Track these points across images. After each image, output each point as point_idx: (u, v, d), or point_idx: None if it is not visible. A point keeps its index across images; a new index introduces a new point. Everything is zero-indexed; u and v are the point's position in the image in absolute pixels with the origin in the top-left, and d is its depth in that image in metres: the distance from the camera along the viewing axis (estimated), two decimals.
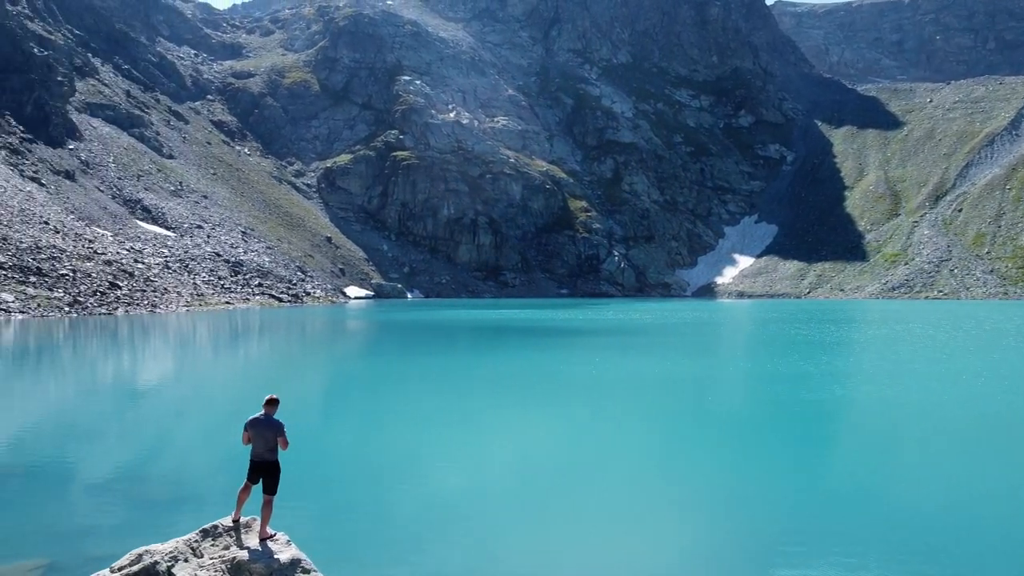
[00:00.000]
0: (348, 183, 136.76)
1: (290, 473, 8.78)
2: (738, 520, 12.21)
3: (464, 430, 19.96)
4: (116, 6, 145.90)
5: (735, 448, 17.69)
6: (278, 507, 8.23)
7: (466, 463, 16.20)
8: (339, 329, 60.69)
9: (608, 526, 11.96)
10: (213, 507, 10.40)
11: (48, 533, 10.97)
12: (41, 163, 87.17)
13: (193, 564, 7.34)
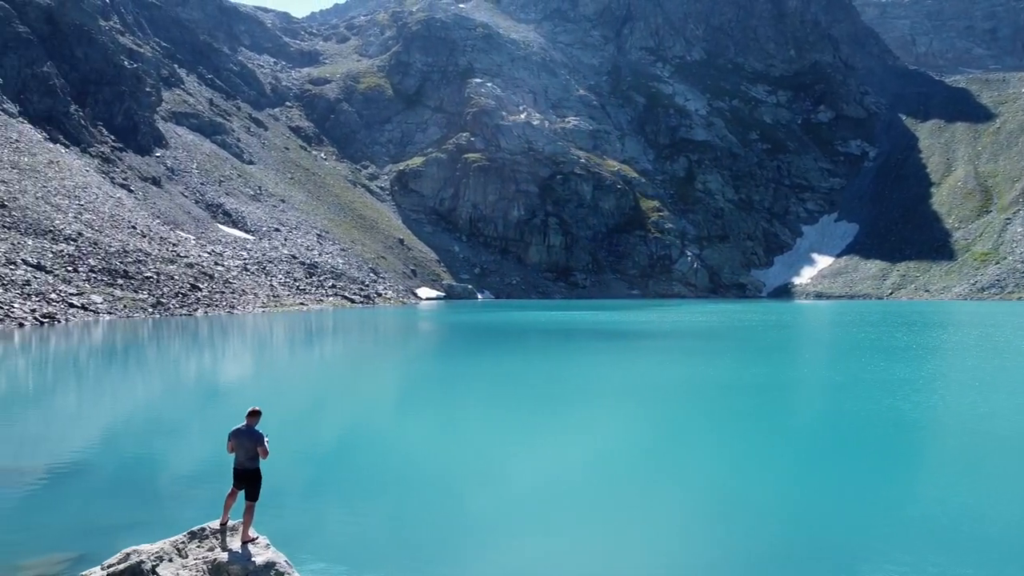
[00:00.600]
0: (420, 185, 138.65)
1: (312, 471, 8.98)
2: (804, 538, 11.81)
3: (515, 434, 19.95)
4: (200, 18, 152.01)
5: (810, 463, 17.08)
6: (325, 507, 8.41)
7: (507, 468, 16.19)
8: (410, 330, 61.62)
9: (646, 539, 11.75)
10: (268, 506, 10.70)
11: (103, 526, 11.47)
12: (130, 170, 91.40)
13: (177, 564, 7.66)
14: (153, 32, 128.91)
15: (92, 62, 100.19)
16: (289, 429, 20.47)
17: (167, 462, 16.50)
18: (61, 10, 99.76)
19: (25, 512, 12.35)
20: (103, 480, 14.62)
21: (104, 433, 19.83)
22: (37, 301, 48.96)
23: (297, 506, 13.13)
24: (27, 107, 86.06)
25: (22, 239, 58.92)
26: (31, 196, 68.78)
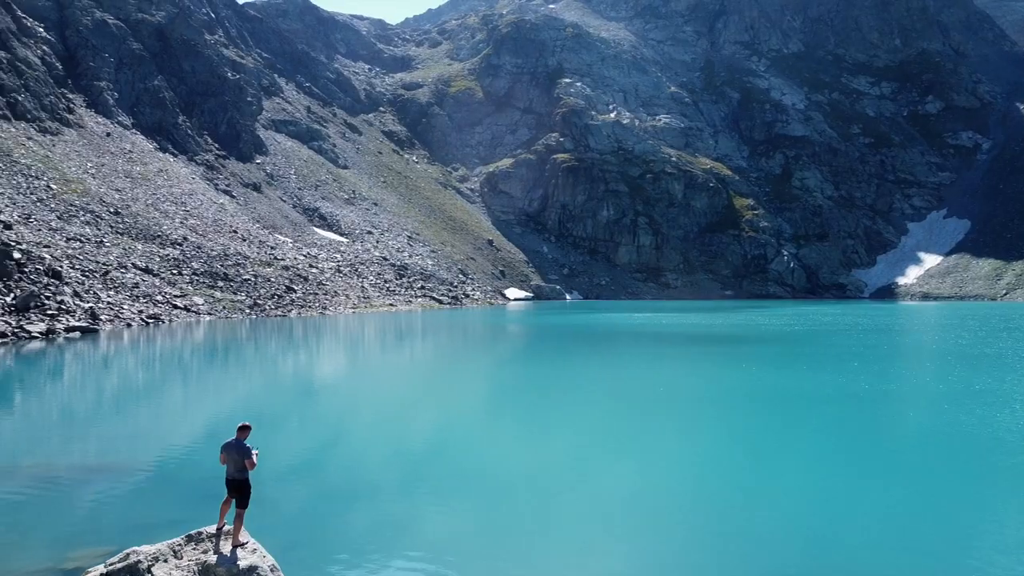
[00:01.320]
0: (509, 187, 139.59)
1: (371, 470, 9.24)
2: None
3: (599, 442, 19.90)
4: (299, 28, 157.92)
5: (915, 486, 16.36)
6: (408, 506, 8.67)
7: (589, 474, 16.16)
8: (498, 331, 62.06)
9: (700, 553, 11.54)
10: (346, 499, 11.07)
11: (157, 523, 12.14)
12: (232, 177, 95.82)
13: (171, 565, 8.17)
14: (255, 44, 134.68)
15: (198, 75, 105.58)
16: (379, 430, 21.08)
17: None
18: (171, 27, 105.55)
19: (92, 506, 13.18)
20: (176, 476, 15.42)
21: (194, 430, 20.92)
22: (144, 303, 51.99)
23: (388, 503, 13.63)
24: (140, 119, 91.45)
25: (133, 244, 62.68)
26: (142, 203, 73.10)
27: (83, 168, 73.52)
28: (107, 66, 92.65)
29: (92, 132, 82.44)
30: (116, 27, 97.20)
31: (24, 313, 39.80)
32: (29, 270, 44.98)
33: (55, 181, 66.42)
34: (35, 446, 18.15)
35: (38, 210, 59.79)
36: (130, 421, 22.06)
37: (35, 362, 32.17)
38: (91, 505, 13.13)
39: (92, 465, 15.99)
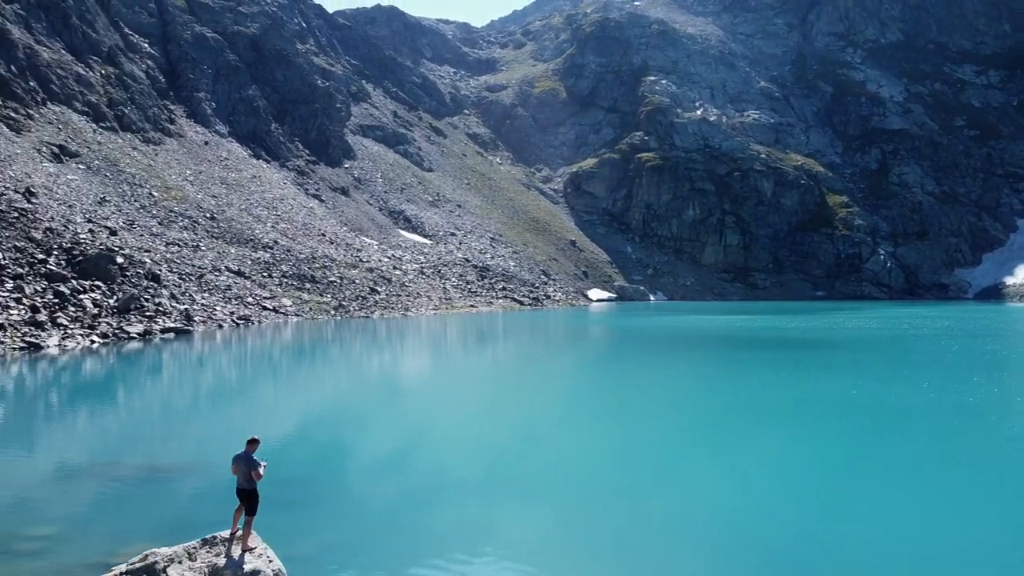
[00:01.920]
0: (593, 187, 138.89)
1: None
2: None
3: (676, 455, 19.76)
4: (387, 35, 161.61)
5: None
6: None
7: (665, 486, 16.10)
8: (580, 332, 62.00)
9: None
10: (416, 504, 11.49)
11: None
12: (321, 181, 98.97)
13: (184, 566, 8.72)
14: (344, 51, 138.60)
15: (290, 83, 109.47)
16: (460, 431, 21.54)
17: (338, 459, 17.94)
18: (264, 37, 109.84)
19: (151, 503, 13.96)
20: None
21: (275, 431, 21.83)
22: (236, 304, 54.40)
23: (470, 504, 14.17)
24: (235, 127, 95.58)
25: (227, 248, 65.63)
26: (236, 208, 76.42)
27: (182, 175, 77.40)
28: (205, 77, 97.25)
29: (191, 141, 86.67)
30: (214, 40, 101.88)
31: (125, 315, 42.29)
32: (131, 274, 47.73)
33: (157, 188, 70.21)
34: (118, 443, 19.34)
35: (141, 216, 63.34)
36: (212, 420, 23.19)
37: (134, 360, 34.16)
38: (151, 502, 13.91)
39: (164, 464, 16.92)
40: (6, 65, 68.91)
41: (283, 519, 12.81)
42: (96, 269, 45.29)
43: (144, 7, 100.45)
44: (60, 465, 16.16)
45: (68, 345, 34.55)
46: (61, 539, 10.90)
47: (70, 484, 14.61)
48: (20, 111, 67.02)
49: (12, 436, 19.48)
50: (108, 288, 44.52)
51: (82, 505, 13.25)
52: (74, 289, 41.77)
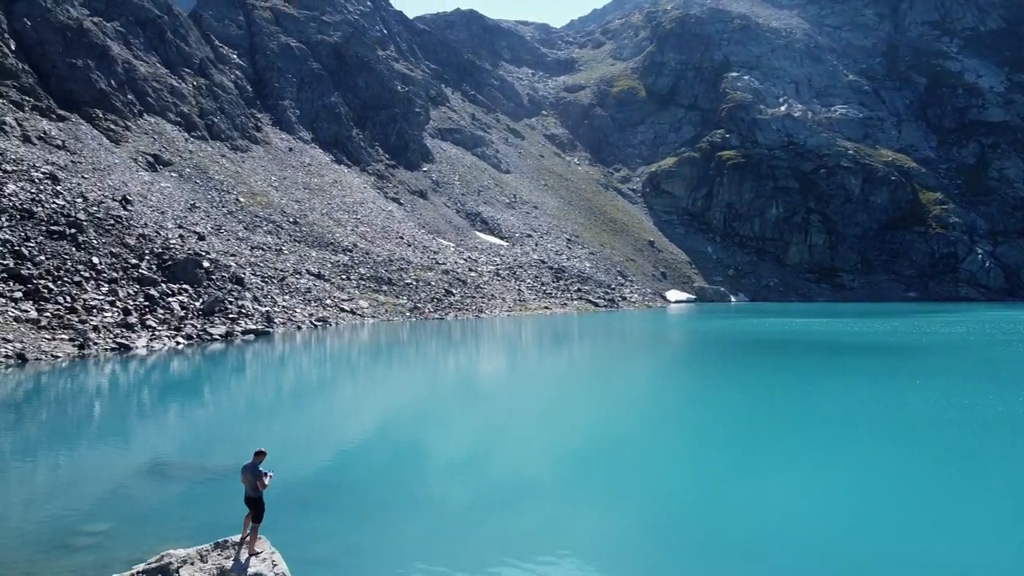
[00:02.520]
0: (672, 186, 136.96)
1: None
2: None
3: (732, 454, 19.53)
4: (466, 38, 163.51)
5: None
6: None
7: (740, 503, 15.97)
8: (659, 334, 61.21)
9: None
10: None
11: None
12: (400, 185, 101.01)
13: (195, 568, 9.28)
14: (423, 56, 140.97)
15: (371, 89, 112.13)
16: (536, 433, 21.85)
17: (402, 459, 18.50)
18: (346, 45, 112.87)
19: (201, 502, 14.64)
20: (303, 479, 16.78)
21: (344, 434, 22.59)
22: (315, 306, 56.20)
23: (547, 505, 14.56)
24: (318, 134, 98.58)
25: (308, 251, 67.82)
26: (318, 212, 78.82)
27: (268, 181, 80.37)
28: (290, 86, 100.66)
29: (276, 148, 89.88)
30: (298, 49, 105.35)
31: (209, 317, 44.32)
32: (216, 277, 49.94)
33: (243, 194, 73.13)
34: (189, 443, 20.37)
35: (227, 222, 66.12)
36: (284, 422, 24.11)
37: (217, 361, 35.76)
38: (204, 501, 14.60)
39: (228, 465, 17.73)
40: (107, 80, 73.06)
41: (364, 518, 13.43)
42: (184, 273, 47.60)
43: (233, 20, 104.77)
44: (129, 463, 17.16)
45: (155, 346, 36.47)
46: (112, 535, 11.67)
47: (133, 482, 15.50)
48: (119, 123, 70.94)
49: (92, 433, 20.79)
50: (195, 291, 46.72)
51: (138, 503, 14.05)
52: (163, 292, 44.02)
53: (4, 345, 29.07)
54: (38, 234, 41.95)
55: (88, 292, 39.71)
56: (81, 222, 45.45)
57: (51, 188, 49.28)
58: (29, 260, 39.20)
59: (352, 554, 11.64)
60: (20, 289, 36.27)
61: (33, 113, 61.72)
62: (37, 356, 29.68)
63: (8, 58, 64.03)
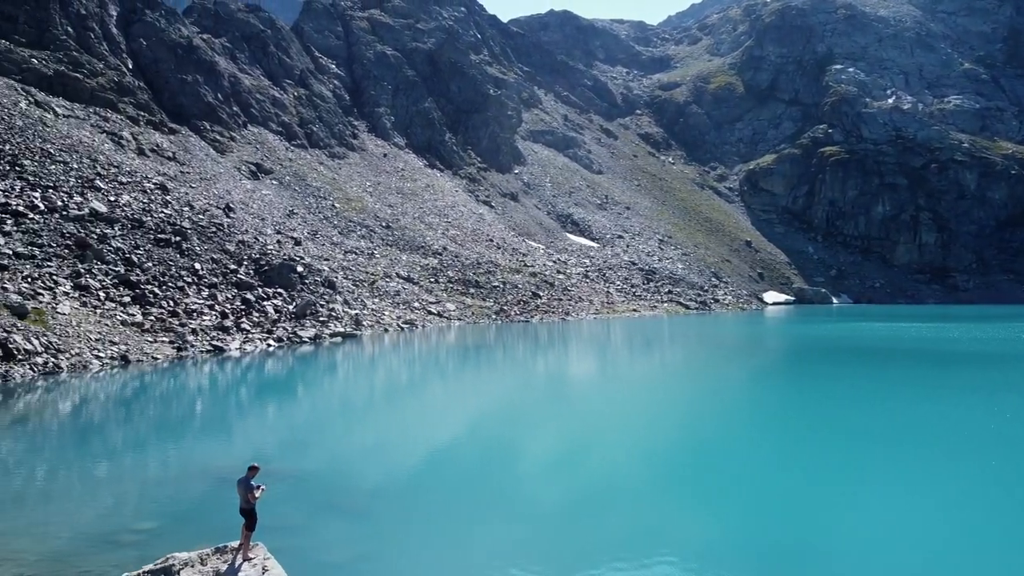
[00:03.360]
0: (771, 184, 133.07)
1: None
2: None
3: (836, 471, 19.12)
4: (559, 39, 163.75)
5: None
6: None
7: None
8: (754, 338, 59.50)
9: None
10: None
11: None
12: (492, 188, 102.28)
13: (195, 570, 9.97)
14: (516, 59, 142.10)
15: (464, 93, 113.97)
16: (626, 439, 22.09)
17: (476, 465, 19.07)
18: (440, 52, 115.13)
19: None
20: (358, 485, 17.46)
21: (444, 430, 23.32)
22: (403, 309, 57.76)
23: (641, 509, 14.94)
24: (411, 139, 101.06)
25: (399, 255, 69.72)
26: (410, 217, 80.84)
27: (363, 187, 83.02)
28: (385, 93, 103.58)
29: (372, 154, 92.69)
30: (394, 57, 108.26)
31: (301, 320, 46.31)
32: (309, 281, 52.10)
33: (339, 200, 75.85)
34: (257, 444, 21.46)
35: (323, 227, 68.77)
36: (360, 426, 25.05)
37: (307, 362, 37.39)
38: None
39: (298, 469, 18.65)
40: (214, 93, 77.27)
41: (449, 517, 14.10)
42: (279, 277, 49.90)
43: (332, 31, 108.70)
44: (192, 463, 18.29)
45: (247, 348, 38.45)
46: (159, 533, 12.60)
47: (191, 481, 16.56)
48: (224, 134, 74.93)
49: (175, 431, 22.22)
50: (288, 295, 48.91)
51: (191, 502, 15.03)
52: (259, 296, 46.30)
53: (110, 347, 31.40)
54: (147, 242, 44.92)
55: (190, 296, 42.25)
56: (185, 230, 48.35)
57: (161, 198, 52.58)
58: (138, 267, 42.03)
59: (430, 560, 12.27)
60: (128, 294, 38.98)
61: (147, 127, 65.98)
62: (139, 358, 31.88)
63: (126, 76, 68.69)
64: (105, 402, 25.03)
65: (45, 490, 15.69)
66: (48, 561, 11.38)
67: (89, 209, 44.35)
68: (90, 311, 34.80)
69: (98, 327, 32.98)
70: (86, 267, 39.03)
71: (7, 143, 48.93)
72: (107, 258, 41.00)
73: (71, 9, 68.08)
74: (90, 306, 35.60)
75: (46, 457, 18.75)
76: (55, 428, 21.47)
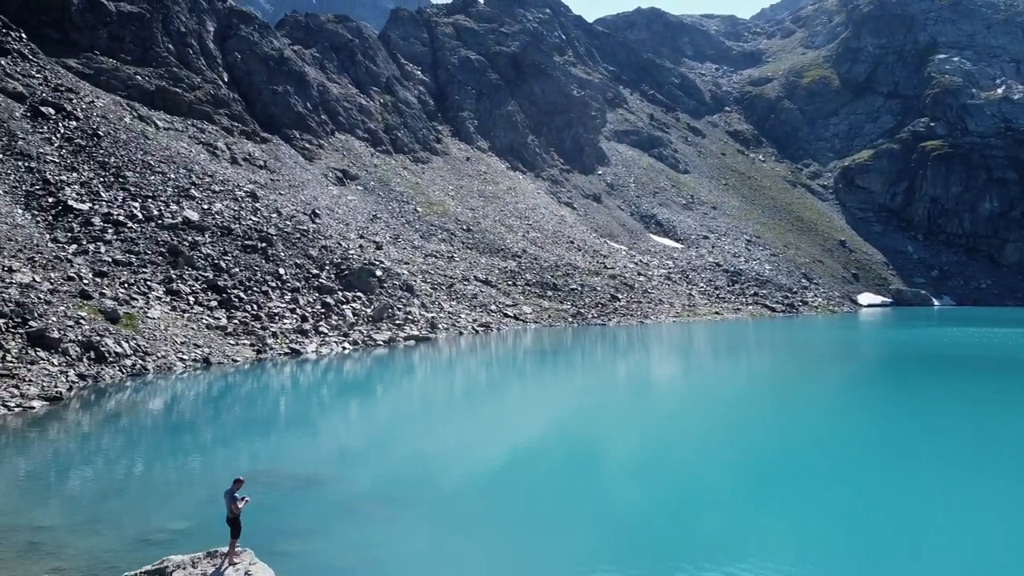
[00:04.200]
0: (868, 181, 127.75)
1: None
2: None
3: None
4: (646, 37, 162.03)
5: None
6: None
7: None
8: (848, 344, 57.53)
9: None
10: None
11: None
12: (575, 189, 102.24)
13: (186, 572, 10.74)
14: (601, 58, 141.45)
15: (548, 95, 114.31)
16: (715, 447, 22.21)
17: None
18: (523, 54, 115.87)
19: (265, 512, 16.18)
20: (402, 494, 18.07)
21: (522, 434, 23.93)
22: (480, 312, 58.61)
23: (737, 514, 15.15)
24: (494, 142, 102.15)
25: (478, 258, 70.73)
26: (491, 219, 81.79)
27: (445, 191, 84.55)
28: (469, 97, 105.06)
29: (455, 158, 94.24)
30: (477, 62, 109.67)
31: (378, 323, 47.75)
32: (388, 285, 53.60)
33: (421, 204, 77.55)
34: (305, 451, 22.41)
35: (405, 231, 70.49)
36: (420, 433, 25.80)
37: (381, 364, 38.62)
38: (287, 508, 16.18)
39: (316, 474, 19.46)
40: (303, 103, 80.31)
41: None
42: (359, 281, 51.57)
43: (418, 37, 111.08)
44: (232, 466, 19.25)
45: (323, 351, 39.97)
46: (189, 534, 13.49)
47: (251, 486, 17.50)
48: (313, 142, 77.79)
49: (238, 433, 23.47)
50: (367, 298, 50.49)
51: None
52: (338, 300, 48.02)
53: (194, 350, 33.36)
54: (235, 248, 47.30)
55: (273, 300, 44.27)
56: (271, 236, 50.59)
57: (251, 205, 55.15)
58: (226, 272, 44.33)
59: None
60: (216, 298, 41.20)
61: (240, 137, 69.25)
62: (220, 360, 33.72)
63: (221, 89, 72.27)
64: (182, 403, 26.66)
65: (102, 488, 16.96)
66: (84, 556, 12.43)
67: (182, 218, 47.04)
68: (179, 315, 37.00)
69: (184, 331, 35.06)
70: (177, 273, 41.47)
71: (112, 156, 52.35)
72: (197, 264, 43.42)
73: (172, 27, 72.13)
74: (179, 310, 37.85)
75: (116, 456, 20.21)
76: (131, 427, 23.07)
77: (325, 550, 13.13)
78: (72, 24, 64.33)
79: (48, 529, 13.50)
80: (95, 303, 31.56)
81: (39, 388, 24.12)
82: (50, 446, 20.18)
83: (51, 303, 29.42)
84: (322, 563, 12.57)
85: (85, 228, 42.28)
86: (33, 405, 23.05)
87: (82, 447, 20.59)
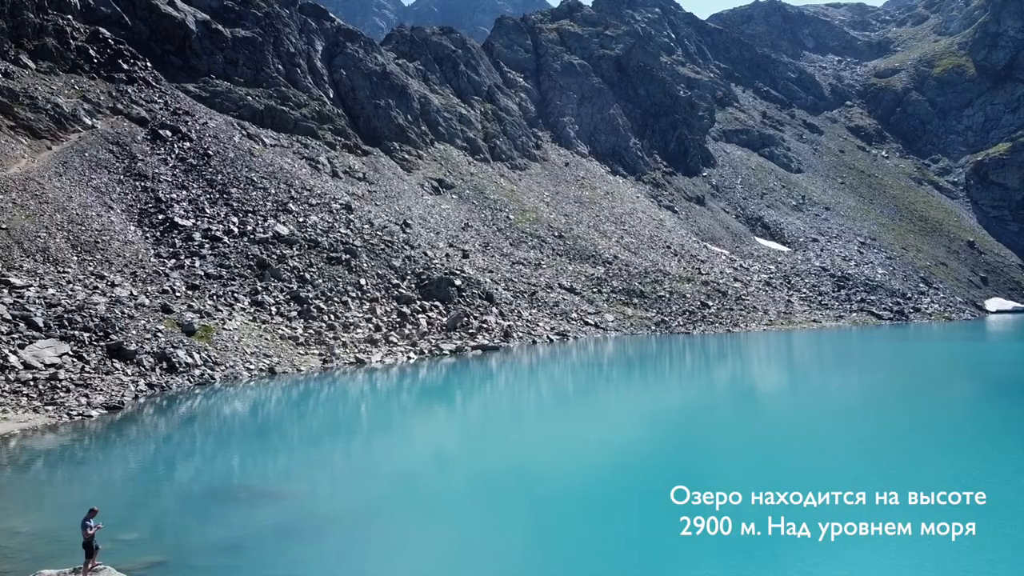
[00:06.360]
0: (1005, 176, 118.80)
1: None
2: None
3: None
4: (764, 31, 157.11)
5: None
6: None
7: None
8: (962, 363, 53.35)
9: None
10: None
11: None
12: (677, 192, 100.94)
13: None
14: (713, 56, 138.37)
15: (652, 97, 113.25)
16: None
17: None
18: (627, 57, 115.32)
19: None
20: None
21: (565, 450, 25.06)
22: (559, 320, 59.51)
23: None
24: (595, 147, 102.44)
25: (566, 265, 71.53)
26: (585, 225, 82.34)
27: (540, 197, 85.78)
28: (571, 102, 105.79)
29: (553, 164, 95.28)
30: (580, 66, 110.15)
31: (450, 332, 49.65)
32: (467, 294, 55.46)
33: (514, 212, 79.13)
34: (318, 470, 24.13)
35: (495, 239, 72.27)
36: (438, 450, 27.19)
37: (454, 370, 40.36)
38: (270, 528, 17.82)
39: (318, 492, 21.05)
40: (404, 115, 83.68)
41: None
42: (438, 290, 53.70)
43: (522, 45, 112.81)
44: (222, 487, 21.07)
45: (387, 361, 42.13)
46: (134, 544, 15.43)
47: (213, 503, 19.37)
48: (412, 153, 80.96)
49: (239, 445, 25.56)
50: (444, 307, 52.52)
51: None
52: (415, 310, 50.28)
53: (263, 360, 36.25)
54: (320, 260, 50.50)
55: (351, 310, 47.02)
56: (356, 248, 53.50)
57: (344, 217, 58.41)
58: (309, 283, 47.48)
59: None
60: (296, 309, 44.31)
61: (343, 151, 73.13)
62: (285, 370, 36.45)
63: (327, 105, 76.57)
64: (211, 415, 29.07)
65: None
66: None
67: (273, 232, 50.69)
68: (257, 325, 40.20)
69: (257, 341, 38.12)
70: (263, 285, 44.89)
71: (219, 173, 56.95)
72: (283, 276, 46.77)
73: (282, 49, 77.09)
74: (259, 320, 41.08)
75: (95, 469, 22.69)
76: (169, 434, 25.64)
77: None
78: (192, 51, 70.05)
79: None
80: (175, 316, 35.00)
81: (106, 397, 27.23)
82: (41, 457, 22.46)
83: (133, 317, 32.96)
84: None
85: (186, 243, 46.46)
86: (92, 414, 25.77)
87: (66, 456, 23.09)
